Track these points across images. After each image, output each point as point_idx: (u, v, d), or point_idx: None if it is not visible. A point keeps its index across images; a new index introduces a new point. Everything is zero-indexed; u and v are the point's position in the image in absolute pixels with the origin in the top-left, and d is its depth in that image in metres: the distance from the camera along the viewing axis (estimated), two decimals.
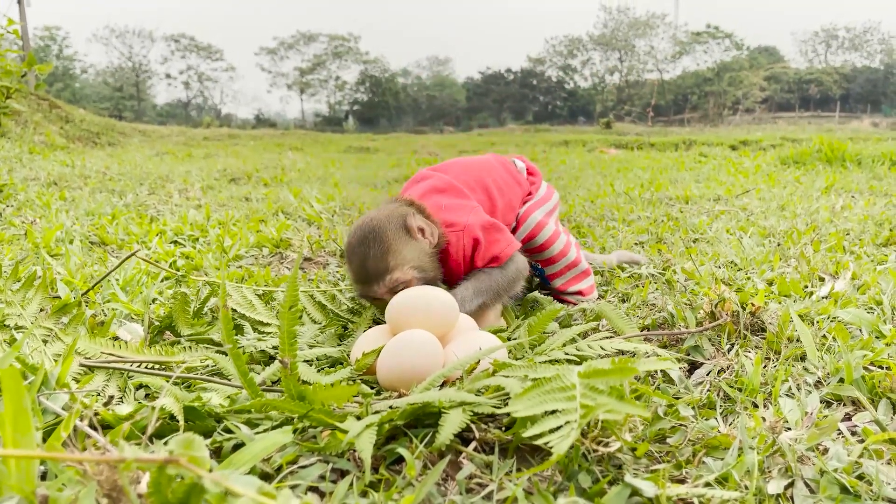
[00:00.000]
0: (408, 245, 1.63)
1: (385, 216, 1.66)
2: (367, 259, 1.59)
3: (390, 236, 1.62)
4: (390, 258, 1.60)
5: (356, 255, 1.61)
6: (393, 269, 1.60)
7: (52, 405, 1.04)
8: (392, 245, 1.61)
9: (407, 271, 1.61)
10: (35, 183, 5.13)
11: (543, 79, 67.03)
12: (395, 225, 1.64)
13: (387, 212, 1.68)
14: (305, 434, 1.07)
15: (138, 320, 1.71)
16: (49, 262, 2.33)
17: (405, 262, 1.62)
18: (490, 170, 2.00)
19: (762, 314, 1.62)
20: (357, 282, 1.63)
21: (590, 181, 5.78)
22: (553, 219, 2.02)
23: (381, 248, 1.60)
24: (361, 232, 1.63)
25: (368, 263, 1.59)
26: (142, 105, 62.99)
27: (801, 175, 5.68)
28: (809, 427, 1.11)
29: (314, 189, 5.22)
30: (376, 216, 1.66)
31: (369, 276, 1.60)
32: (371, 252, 1.59)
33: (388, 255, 1.60)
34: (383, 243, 1.60)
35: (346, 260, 1.66)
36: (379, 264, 1.59)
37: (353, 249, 1.62)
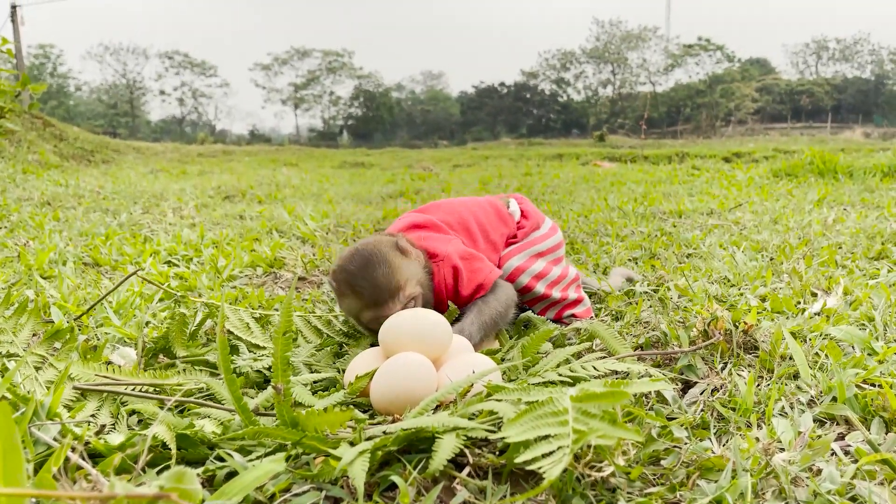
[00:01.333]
0: (406, 262, 1.67)
1: (374, 242, 1.68)
2: (377, 281, 1.60)
3: (390, 256, 1.64)
4: (399, 275, 1.62)
5: (364, 280, 1.61)
6: (404, 285, 1.62)
7: (44, 436, 1.03)
8: (394, 263, 1.63)
9: (415, 286, 1.65)
10: (28, 203, 5.13)
11: (537, 92, 67.34)
12: (388, 247, 1.67)
13: (373, 240, 1.71)
14: (299, 461, 1.07)
15: (132, 344, 1.70)
16: (42, 286, 2.32)
17: (411, 277, 1.65)
18: (475, 210, 2.02)
19: (755, 332, 1.63)
20: (367, 307, 1.63)
21: (583, 195, 5.80)
22: (542, 260, 2.00)
23: (387, 268, 1.61)
24: (361, 258, 1.63)
25: (379, 284, 1.60)
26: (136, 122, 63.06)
27: (793, 187, 5.71)
28: (803, 448, 1.11)
29: (308, 206, 5.22)
30: (365, 245, 1.68)
31: (382, 296, 1.61)
32: (379, 273, 1.60)
33: (395, 273, 1.62)
34: (387, 264, 1.62)
35: (348, 289, 1.64)
36: (390, 283, 1.61)
37: (357, 275, 1.62)
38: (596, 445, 1.03)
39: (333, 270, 1.69)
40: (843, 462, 1.08)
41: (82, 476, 0.92)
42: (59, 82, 59.51)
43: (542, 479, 1.03)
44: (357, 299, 1.64)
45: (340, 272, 1.65)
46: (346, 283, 1.64)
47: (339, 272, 1.66)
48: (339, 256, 1.73)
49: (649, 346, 1.69)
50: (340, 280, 1.66)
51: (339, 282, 1.66)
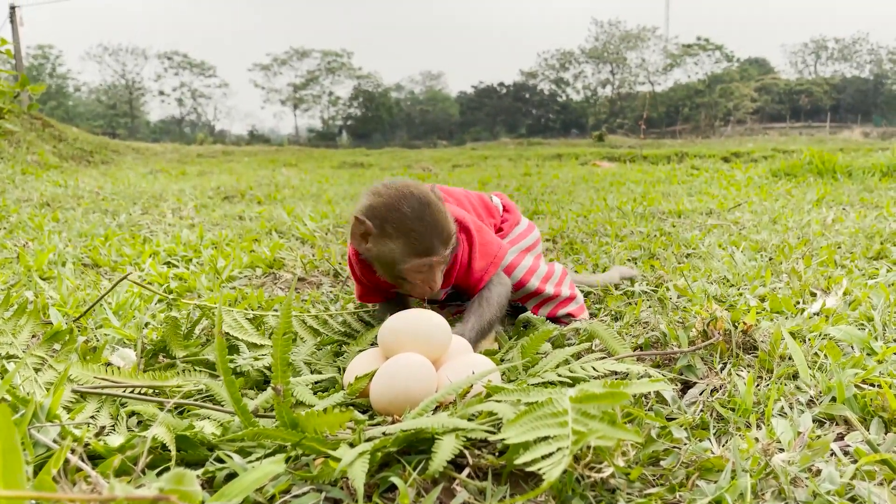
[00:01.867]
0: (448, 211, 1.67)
1: (417, 185, 1.65)
2: (435, 224, 1.58)
3: (439, 207, 1.62)
4: (449, 223, 1.63)
5: (422, 222, 1.57)
6: (452, 234, 1.63)
7: (44, 438, 1.03)
8: (444, 209, 1.64)
9: (455, 238, 1.65)
10: (28, 204, 5.13)
11: (536, 92, 67.36)
12: (436, 196, 1.65)
13: (412, 183, 1.67)
14: (298, 462, 1.07)
15: (131, 345, 1.70)
16: (41, 287, 2.32)
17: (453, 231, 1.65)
18: (469, 195, 2.05)
19: (754, 332, 1.63)
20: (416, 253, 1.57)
21: (583, 195, 5.80)
22: (530, 255, 2.01)
23: (441, 216, 1.60)
24: (417, 201, 1.58)
25: (437, 228, 1.58)
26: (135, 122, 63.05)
27: (792, 187, 5.72)
28: (802, 448, 1.11)
29: (308, 207, 5.22)
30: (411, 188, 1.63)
31: (440, 239, 1.59)
32: (436, 218, 1.59)
33: (447, 219, 1.62)
34: (440, 212, 1.61)
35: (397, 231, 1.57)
36: (445, 227, 1.60)
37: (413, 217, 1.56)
38: (595, 446, 1.03)
39: (374, 210, 1.59)
40: (843, 462, 1.08)
41: (82, 478, 0.92)
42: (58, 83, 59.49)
43: (541, 481, 1.03)
44: (406, 243, 1.57)
45: (389, 212, 1.57)
46: (397, 224, 1.57)
47: (385, 212, 1.58)
48: (373, 194, 1.64)
49: (648, 347, 1.69)
50: (389, 220, 1.58)
51: (387, 222, 1.58)
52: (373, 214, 1.59)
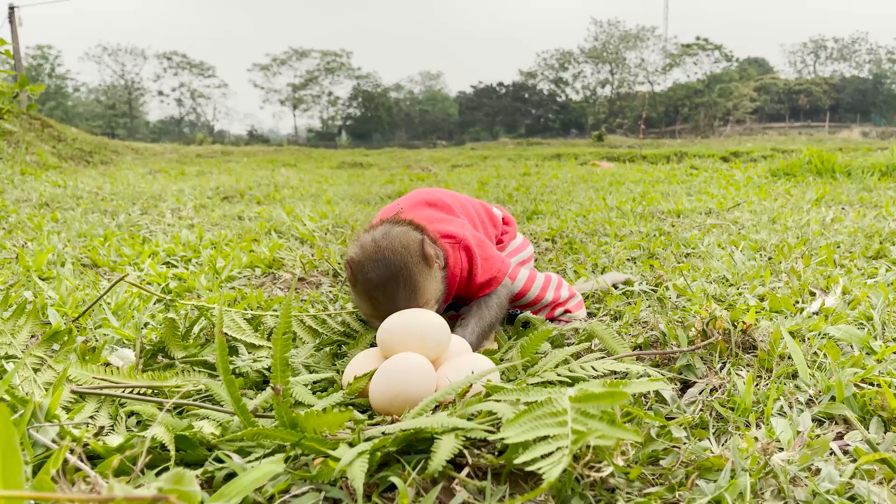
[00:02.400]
0: (429, 279, 1.61)
1: (401, 246, 1.60)
2: (396, 300, 1.56)
3: (415, 273, 1.58)
4: (419, 297, 1.58)
5: (383, 296, 1.56)
6: (422, 306, 1.59)
7: (42, 438, 1.03)
8: (419, 283, 1.58)
9: (432, 306, 1.62)
10: (27, 204, 5.13)
11: (535, 92, 67.39)
12: (415, 257, 1.59)
13: (400, 240, 1.62)
14: (298, 462, 1.07)
15: (130, 345, 1.70)
16: (40, 287, 2.32)
17: (431, 298, 1.61)
18: (473, 203, 2.05)
19: (753, 332, 1.63)
20: (377, 316, 1.58)
21: (582, 195, 5.80)
22: (526, 269, 2.01)
23: (410, 289, 1.56)
24: (385, 269, 1.57)
25: (399, 305, 1.55)
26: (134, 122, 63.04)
27: (791, 187, 5.72)
28: (801, 447, 1.11)
29: (307, 207, 5.22)
30: (392, 245, 1.60)
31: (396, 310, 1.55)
32: (400, 294, 1.56)
33: (416, 294, 1.58)
34: (410, 282, 1.57)
35: (367, 294, 1.59)
36: (409, 304, 1.57)
37: (377, 288, 1.57)
38: (595, 446, 1.03)
39: (351, 261, 1.62)
40: (842, 461, 1.08)
41: (81, 478, 0.92)
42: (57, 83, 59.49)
43: (541, 480, 1.03)
44: (369, 305, 1.60)
45: (359, 271, 1.60)
46: (363, 285, 1.60)
47: (357, 269, 1.61)
48: (358, 242, 1.66)
49: (648, 346, 1.69)
50: (357, 279, 1.60)
51: (356, 279, 1.61)
52: (352, 268, 1.63)
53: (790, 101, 56.92)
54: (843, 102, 57.87)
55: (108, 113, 61.64)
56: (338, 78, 67.12)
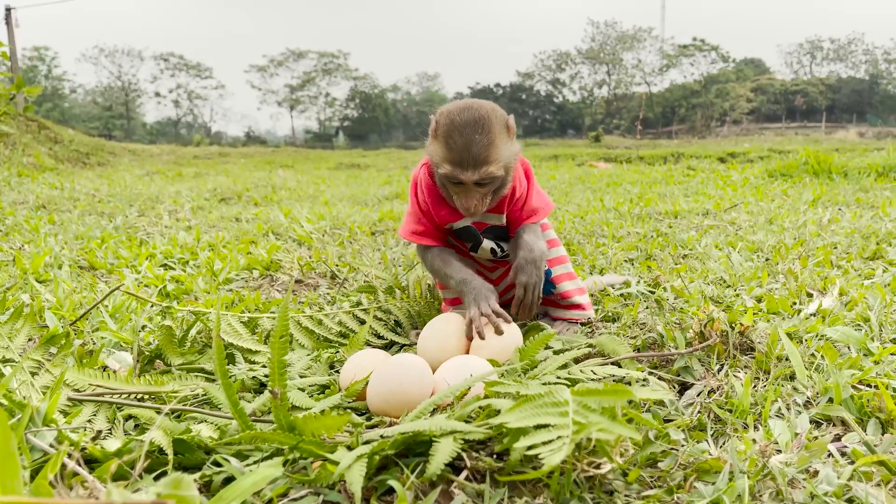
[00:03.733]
0: (505, 143, 1.65)
1: (490, 107, 1.65)
2: (471, 144, 1.59)
3: (496, 129, 1.62)
4: (492, 150, 1.61)
5: (461, 137, 1.59)
6: (491, 161, 1.61)
7: (40, 443, 1.03)
8: (496, 139, 1.61)
9: (497, 168, 1.63)
10: (23, 206, 5.12)
11: (533, 93, 67.40)
12: (499, 119, 1.64)
13: (489, 104, 1.66)
14: (296, 465, 1.07)
15: (127, 349, 1.70)
16: (37, 290, 2.32)
17: (500, 158, 1.63)
18: None
19: (751, 333, 1.63)
20: (452, 163, 1.62)
21: (579, 196, 5.80)
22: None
23: (487, 139, 1.60)
24: (470, 115, 1.60)
25: (472, 149, 1.59)
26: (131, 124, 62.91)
27: (788, 188, 5.73)
28: (799, 449, 1.11)
29: (304, 208, 5.22)
30: (482, 104, 1.64)
31: (468, 161, 1.60)
32: (476, 138, 1.59)
33: (490, 146, 1.60)
34: (489, 134, 1.60)
35: (447, 137, 1.62)
36: (481, 152, 1.59)
37: (458, 130, 1.60)
38: (595, 442, 1.03)
39: (442, 112, 1.66)
40: (840, 463, 1.09)
41: (79, 483, 0.92)
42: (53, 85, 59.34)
43: (539, 482, 1.03)
44: (443, 148, 1.63)
45: (446, 117, 1.63)
46: (445, 128, 1.62)
47: (443, 116, 1.64)
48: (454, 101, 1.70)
49: (646, 348, 1.69)
50: (442, 124, 1.64)
51: (438, 125, 1.64)
52: (438, 115, 1.67)
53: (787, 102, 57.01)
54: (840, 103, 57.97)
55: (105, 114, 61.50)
56: (335, 79, 67.06)
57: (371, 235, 3.91)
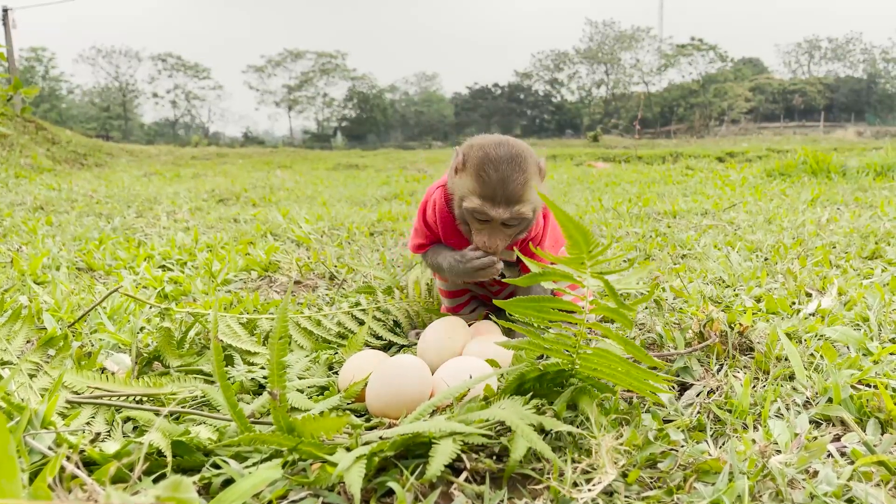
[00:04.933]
0: (536, 185, 1.61)
1: (525, 146, 1.63)
2: (507, 181, 1.56)
3: (531, 169, 1.60)
4: (527, 191, 1.58)
5: (496, 172, 1.56)
6: (524, 201, 1.59)
7: (39, 445, 1.03)
8: (530, 178, 1.59)
9: (528, 209, 1.60)
10: (21, 208, 5.11)
11: (531, 93, 67.40)
12: (533, 160, 1.62)
13: (522, 143, 1.65)
14: (295, 467, 1.07)
15: (126, 350, 1.70)
16: (35, 291, 2.31)
17: (531, 200, 1.60)
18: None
19: (750, 333, 1.63)
20: (483, 197, 1.58)
21: (578, 196, 5.80)
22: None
23: (523, 177, 1.57)
24: (507, 151, 1.58)
25: (508, 185, 1.56)
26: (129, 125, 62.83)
27: (786, 187, 5.73)
28: (799, 449, 1.11)
29: (303, 209, 5.21)
30: (517, 142, 1.63)
31: (501, 197, 1.57)
32: (514, 176, 1.56)
33: (525, 186, 1.58)
34: (525, 172, 1.58)
35: (480, 171, 1.58)
36: (516, 190, 1.57)
37: (494, 164, 1.56)
38: (594, 449, 1.03)
39: (471, 146, 1.63)
40: (840, 464, 1.08)
41: (78, 485, 0.92)
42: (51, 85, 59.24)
43: (539, 483, 1.03)
44: (474, 180, 1.59)
45: (479, 150, 1.60)
46: (476, 160, 1.59)
47: (472, 150, 1.62)
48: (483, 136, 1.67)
49: (645, 349, 1.69)
50: (472, 157, 1.61)
51: (470, 158, 1.61)
52: (467, 148, 1.64)
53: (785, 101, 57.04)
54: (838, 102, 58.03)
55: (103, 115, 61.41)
56: (333, 79, 66.98)
57: (370, 236, 3.91)
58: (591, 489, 1.00)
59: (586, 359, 1.26)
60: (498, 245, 1.63)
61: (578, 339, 1.25)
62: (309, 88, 66.85)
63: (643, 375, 1.23)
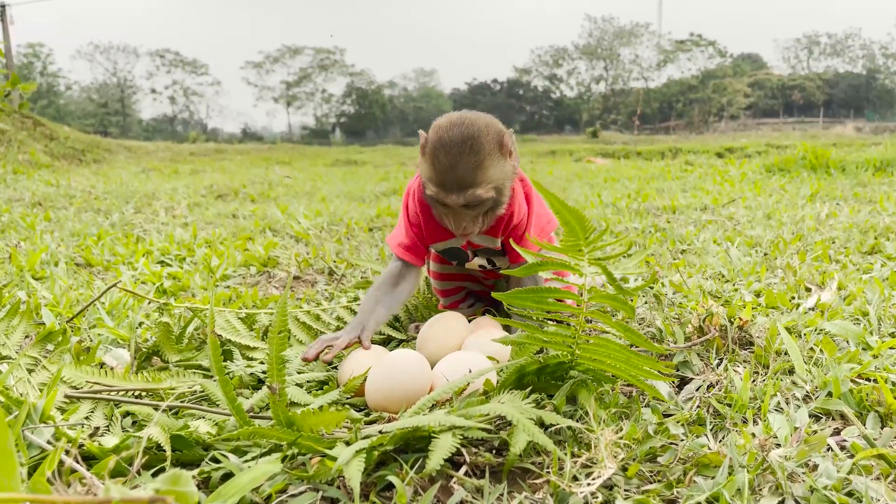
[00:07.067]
0: (497, 163, 1.53)
1: (484, 124, 1.54)
2: (457, 165, 1.48)
3: (487, 148, 1.51)
4: (479, 173, 1.50)
5: (446, 157, 1.49)
6: (478, 184, 1.51)
7: (37, 439, 1.03)
8: (485, 159, 1.50)
9: (489, 190, 1.53)
10: (19, 204, 5.10)
11: (530, 89, 67.36)
12: (492, 138, 1.53)
13: (485, 119, 1.56)
14: (295, 461, 1.07)
15: (125, 345, 1.69)
16: (34, 287, 2.31)
17: (490, 180, 1.52)
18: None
19: (750, 328, 1.63)
20: (437, 184, 1.52)
21: (577, 192, 5.80)
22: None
23: (475, 160, 1.49)
24: (459, 132, 1.50)
25: (458, 170, 1.49)
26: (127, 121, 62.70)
27: (786, 182, 5.73)
28: (799, 443, 1.11)
29: (301, 205, 5.21)
30: (475, 120, 1.53)
31: (453, 184, 1.50)
32: (465, 160, 1.48)
33: (478, 168, 1.50)
34: (478, 154, 1.49)
35: (433, 156, 1.52)
36: (466, 175, 1.49)
37: (445, 148, 1.49)
38: (593, 444, 1.03)
39: (433, 128, 1.56)
40: (839, 457, 1.09)
41: (77, 479, 0.92)
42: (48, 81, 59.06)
43: (539, 477, 1.03)
44: (429, 168, 1.53)
45: (435, 133, 1.54)
46: (432, 145, 1.52)
47: (434, 132, 1.54)
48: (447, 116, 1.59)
49: None
50: (430, 141, 1.54)
51: (429, 142, 1.54)
52: (431, 129, 1.57)
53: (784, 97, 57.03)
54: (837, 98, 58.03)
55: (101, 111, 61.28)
56: (331, 75, 66.86)
57: (368, 231, 3.91)
58: (590, 483, 1.00)
59: (586, 349, 1.26)
60: (468, 228, 1.57)
61: (578, 329, 1.25)
62: (307, 84, 66.75)
63: (643, 363, 1.23)
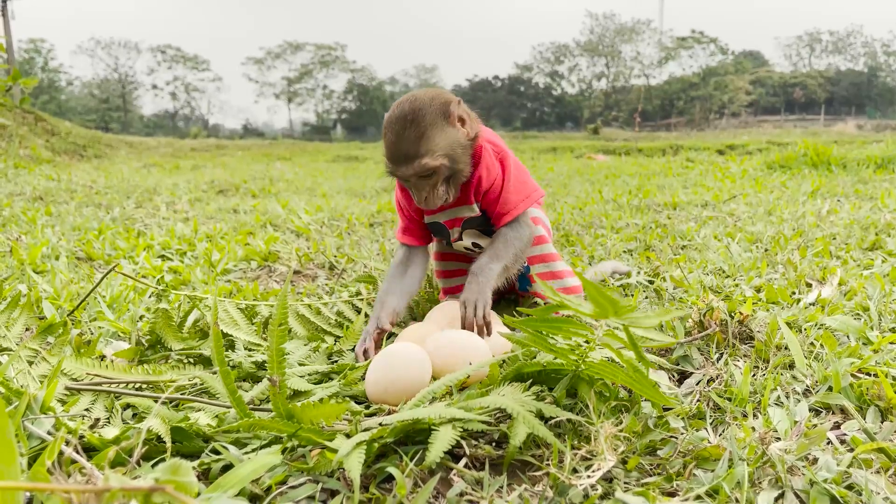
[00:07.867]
0: (443, 132, 1.60)
1: (429, 98, 1.62)
2: (400, 140, 1.57)
3: (427, 121, 1.58)
4: (422, 143, 1.57)
5: (391, 133, 1.59)
6: (423, 154, 1.57)
7: (38, 430, 1.03)
8: (427, 130, 1.58)
9: (437, 158, 1.58)
10: (21, 198, 5.10)
11: (531, 85, 67.30)
12: (435, 109, 1.60)
13: (432, 93, 1.65)
14: (294, 453, 1.07)
15: (126, 338, 1.69)
16: (35, 280, 2.31)
17: (436, 149, 1.58)
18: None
19: (750, 322, 1.63)
20: (389, 160, 1.61)
21: (578, 188, 5.79)
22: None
23: (416, 132, 1.57)
24: (401, 110, 1.59)
25: (401, 145, 1.57)
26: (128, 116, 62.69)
27: (787, 179, 5.72)
28: (799, 437, 1.11)
29: (302, 200, 5.21)
30: (421, 96, 1.63)
31: (400, 157, 1.58)
32: (407, 133, 1.57)
33: (421, 139, 1.57)
34: (419, 126, 1.57)
35: (383, 135, 1.63)
36: (410, 147, 1.57)
37: (390, 126, 1.60)
38: (594, 437, 1.03)
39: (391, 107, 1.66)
40: (839, 451, 1.08)
41: (77, 470, 0.92)
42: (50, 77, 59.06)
43: (538, 469, 1.03)
44: (384, 146, 1.63)
45: (387, 114, 1.64)
46: (384, 123, 1.63)
47: (388, 113, 1.64)
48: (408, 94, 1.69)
49: None
50: (383, 122, 1.64)
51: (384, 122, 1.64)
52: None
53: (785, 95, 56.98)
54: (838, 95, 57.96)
55: (102, 107, 61.28)
56: (332, 71, 66.84)
57: (369, 227, 3.91)
58: (590, 475, 1.00)
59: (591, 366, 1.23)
60: (430, 199, 1.63)
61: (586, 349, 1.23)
62: (308, 80, 66.72)
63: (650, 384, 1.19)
